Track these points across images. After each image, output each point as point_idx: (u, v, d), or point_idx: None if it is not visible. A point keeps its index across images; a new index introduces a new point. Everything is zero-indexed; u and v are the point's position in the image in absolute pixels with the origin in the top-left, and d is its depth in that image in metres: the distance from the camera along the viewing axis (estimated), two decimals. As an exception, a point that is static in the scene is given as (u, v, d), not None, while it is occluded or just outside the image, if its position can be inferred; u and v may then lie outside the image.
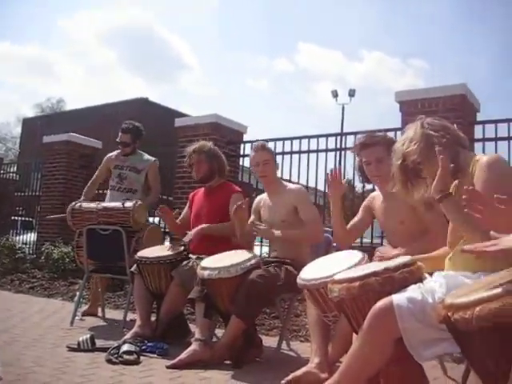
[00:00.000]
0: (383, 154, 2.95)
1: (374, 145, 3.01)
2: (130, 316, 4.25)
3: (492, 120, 5.02)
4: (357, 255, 2.66)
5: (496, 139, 4.90)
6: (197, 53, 77.41)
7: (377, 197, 3.17)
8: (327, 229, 4.81)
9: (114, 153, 5.09)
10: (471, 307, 1.37)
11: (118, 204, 4.31)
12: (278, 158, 5.78)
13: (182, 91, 63.57)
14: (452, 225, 2.30)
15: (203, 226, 3.85)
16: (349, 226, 3.22)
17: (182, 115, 13.78)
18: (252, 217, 3.80)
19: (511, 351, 1.25)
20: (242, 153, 6.57)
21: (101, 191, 5.61)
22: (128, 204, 4.24)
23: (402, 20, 75.41)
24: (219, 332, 3.55)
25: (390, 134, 3.65)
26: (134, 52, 63.90)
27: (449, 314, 1.44)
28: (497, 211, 1.52)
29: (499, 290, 1.37)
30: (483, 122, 5.06)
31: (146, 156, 5.03)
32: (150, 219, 5.66)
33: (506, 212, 1.51)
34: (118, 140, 4.97)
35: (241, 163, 6.57)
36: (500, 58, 64.15)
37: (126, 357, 3.03)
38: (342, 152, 5.84)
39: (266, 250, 5.10)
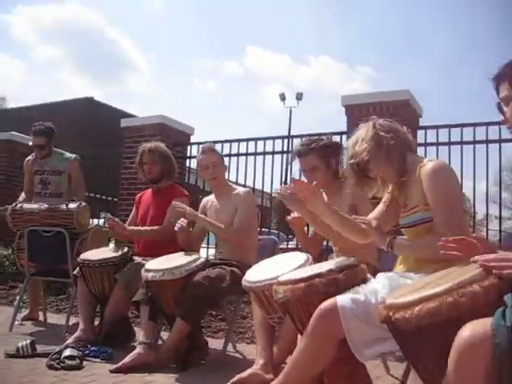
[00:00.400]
0: (316, 162, 3.05)
1: (307, 154, 3.07)
2: (73, 320, 4.15)
3: (433, 125, 5.19)
4: (301, 257, 2.68)
5: (437, 144, 5.07)
6: (145, 54, 76.79)
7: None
8: (273, 231, 4.85)
9: (30, 157, 4.82)
10: (411, 307, 1.39)
11: (61, 205, 4.20)
12: (225, 160, 5.79)
13: (129, 92, 62.76)
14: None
15: (131, 228, 3.87)
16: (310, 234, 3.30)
17: (128, 116, 13.56)
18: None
19: (449, 349, 1.28)
20: (188, 154, 6.54)
21: None
22: (72, 205, 4.15)
23: (350, 27, 76.91)
24: (165, 335, 3.51)
25: (336, 138, 3.72)
26: (80, 51, 62.54)
27: (390, 314, 1.46)
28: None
29: (438, 289, 1.40)
30: (425, 128, 5.22)
31: (67, 154, 4.77)
32: (95, 221, 5.55)
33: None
34: (31, 144, 4.72)
35: (187, 165, 6.53)
36: (442, 66, 66.20)
37: (68, 362, 2.96)
38: (289, 155, 5.89)
39: (212, 252, 5.08)
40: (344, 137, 5.06)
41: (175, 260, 3.28)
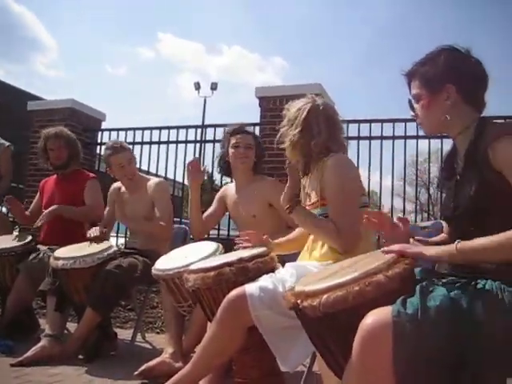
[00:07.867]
0: (252, 142, 3.16)
1: (247, 133, 3.19)
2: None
3: (344, 120, 5.31)
4: (211, 246, 2.69)
5: (347, 138, 5.22)
6: (54, 35, 73.42)
7: (230, 188, 3.26)
8: (185, 221, 4.82)
9: None
10: (319, 295, 1.41)
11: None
12: (137, 148, 5.69)
13: (35, 73, 59.67)
14: None
15: (55, 206, 3.64)
16: (204, 215, 3.25)
17: (36, 98, 12.93)
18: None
19: (354, 337, 1.31)
20: (99, 141, 6.34)
21: None
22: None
23: (267, 18, 77.39)
24: (71, 326, 3.41)
25: (249, 128, 3.74)
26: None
27: (298, 301, 1.48)
28: None
29: (345, 278, 1.43)
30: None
31: (0, 140, 4.61)
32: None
33: None
34: None
35: (98, 151, 6.32)
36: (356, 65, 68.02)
37: (-37, 356, 2.80)
38: (202, 144, 5.87)
39: (121, 241, 4.99)
40: (257, 128, 5.11)
41: (86, 248, 3.21)
